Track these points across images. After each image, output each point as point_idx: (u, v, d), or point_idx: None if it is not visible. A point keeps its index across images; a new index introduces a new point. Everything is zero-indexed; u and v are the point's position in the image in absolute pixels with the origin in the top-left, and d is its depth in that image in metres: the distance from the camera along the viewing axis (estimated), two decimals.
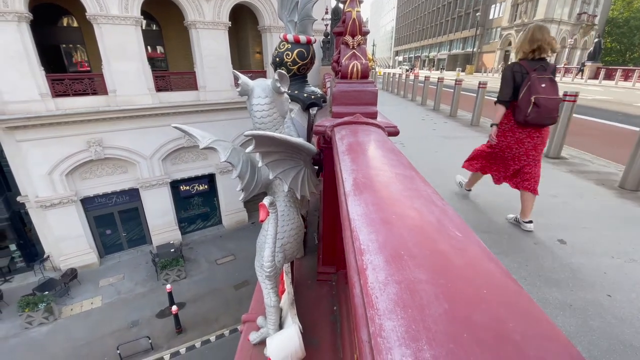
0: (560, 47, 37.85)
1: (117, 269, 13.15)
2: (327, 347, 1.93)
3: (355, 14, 2.24)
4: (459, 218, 0.75)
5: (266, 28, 14.48)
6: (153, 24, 15.73)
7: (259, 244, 1.83)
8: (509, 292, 0.51)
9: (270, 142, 1.51)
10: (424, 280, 0.51)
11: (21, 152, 10.84)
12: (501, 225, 3.63)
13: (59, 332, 10.16)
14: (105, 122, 11.81)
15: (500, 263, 0.58)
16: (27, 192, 11.41)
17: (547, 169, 5.44)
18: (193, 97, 13.38)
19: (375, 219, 0.72)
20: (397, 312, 0.45)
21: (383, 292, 0.50)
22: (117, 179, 13.13)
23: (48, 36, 13.51)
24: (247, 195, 1.81)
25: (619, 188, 4.59)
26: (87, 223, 12.94)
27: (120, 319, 10.65)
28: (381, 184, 0.95)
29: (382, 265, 0.56)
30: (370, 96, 2.00)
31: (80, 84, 11.45)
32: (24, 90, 10.25)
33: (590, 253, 3.10)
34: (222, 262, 13.56)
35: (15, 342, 9.83)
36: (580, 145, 6.77)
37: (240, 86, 1.63)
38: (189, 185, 15.09)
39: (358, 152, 1.30)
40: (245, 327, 2.27)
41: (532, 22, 36.88)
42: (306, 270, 2.69)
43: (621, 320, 2.32)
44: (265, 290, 1.80)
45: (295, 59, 2.45)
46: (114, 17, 10.99)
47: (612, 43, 39.86)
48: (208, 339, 10.15)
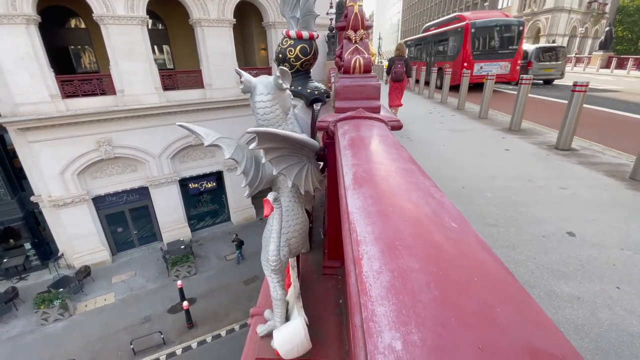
0: (569, 36, 37.03)
1: (129, 266, 13.40)
2: (333, 339, 1.96)
3: (357, 8, 2.24)
4: (456, 210, 0.76)
5: (271, 24, 14.46)
6: (159, 23, 15.84)
7: (264, 239, 1.86)
8: (499, 280, 0.52)
9: (273, 139, 1.53)
10: (417, 268, 0.53)
11: (33, 152, 11.07)
12: (509, 219, 3.61)
13: (74, 328, 10.43)
14: (114, 121, 11.98)
15: (493, 252, 0.60)
16: (41, 192, 11.67)
17: (557, 160, 5.37)
18: (199, 95, 13.48)
19: (373, 212, 0.74)
20: (389, 299, 0.47)
21: (377, 280, 0.52)
22: (127, 178, 13.34)
23: (56, 38, 13.72)
24: (252, 191, 1.84)
25: (630, 179, 4.51)
26: (99, 221, 13.20)
27: (133, 315, 10.87)
28: (380, 177, 0.96)
29: (377, 255, 0.58)
30: (373, 90, 2.00)
31: (89, 85, 11.62)
32: (35, 92, 10.45)
33: (600, 245, 3.07)
34: (231, 258, 13.72)
35: (31, 338, 10.12)
36: (591, 136, 6.65)
37: (243, 84, 1.65)
38: (198, 182, 15.26)
39: (359, 146, 1.31)
40: (253, 320, 2.32)
41: (541, 10, 36.18)
42: (312, 264, 2.72)
43: (630, 312, 2.30)
44: (271, 283, 1.83)
45: (298, 55, 2.46)
46: (120, 17, 11.10)
47: (624, 32, 38.78)
48: (219, 333, 10.31)
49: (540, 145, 6.22)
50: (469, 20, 13.60)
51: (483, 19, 13.69)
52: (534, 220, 3.55)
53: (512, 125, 7.41)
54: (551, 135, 6.79)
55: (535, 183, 4.48)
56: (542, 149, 5.96)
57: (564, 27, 36.13)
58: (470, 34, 13.33)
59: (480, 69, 13.24)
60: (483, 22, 13.47)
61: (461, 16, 14.73)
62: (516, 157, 5.66)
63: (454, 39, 14.52)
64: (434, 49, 16.98)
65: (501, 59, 13.53)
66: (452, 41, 14.70)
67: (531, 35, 39.03)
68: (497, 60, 13.52)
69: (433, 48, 17.12)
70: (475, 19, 13.75)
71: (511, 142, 6.48)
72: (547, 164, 5.26)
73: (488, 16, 14.14)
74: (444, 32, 15.74)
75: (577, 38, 37.58)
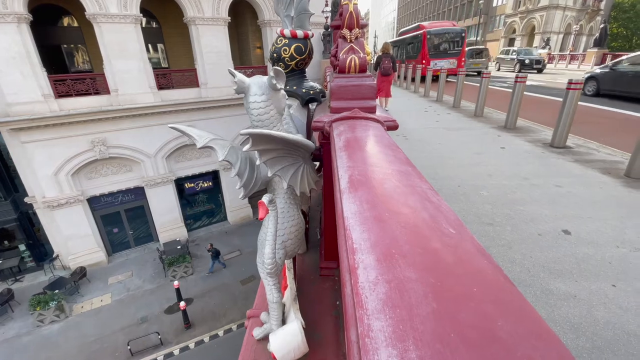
0: (564, 33, 37.21)
1: (125, 266, 13.32)
2: (330, 341, 1.95)
3: (352, 6, 2.21)
4: (453, 214, 0.75)
5: (266, 22, 14.38)
6: (153, 21, 15.70)
7: (260, 241, 1.83)
8: (499, 289, 0.51)
9: (268, 140, 1.50)
10: (414, 279, 0.51)
11: (27, 153, 10.95)
12: (505, 217, 3.61)
13: (71, 329, 10.36)
14: (109, 121, 11.87)
15: (492, 259, 0.58)
16: (35, 193, 11.55)
17: (552, 158, 5.39)
18: (195, 94, 13.39)
19: (369, 217, 0.72)
20: (385, 312, 0.45)
21: (373, 291, 0.50)
22: (122, 178, 13.24)
23: (49, 37, 13.56)
24: (247, 193, 1.81)
25: (624, 177, 4.53)
26: (94, 222, 13.10)
27: (129, 316, 10.82)
28: (376, 180, 0.95)
29: (373, 264, 0.56)
30: (369, 90, 1.98)
31: (82, 84, 11.49)
32: (27, 91, 10.32)
33: (595, 243, 3.08)
34: (228, 257, 13.68)
35: (28, 339, 10.04)
36: (585, 133, 6.68)
37: (236, 84, 1.62)
38: (194, 182, 15.18)
39: (355, 148, 1.29)
40: (250, 323, 2.30)
41: (536, 8, 36.31)
42: (309, 265, 2.70)
43: (626, 310, 2.31)
44: (267, 286, 1.81)
45: (293, 54, 2.43)
46: (113, 15, 10.98)
47: (619, 28, 38.95)
48: (216, 333, 10.29)
49: (536, 143, 6.24)
50: (426, 29, 18.58)
51: (436, 28, 18.68)
52: (529, 218, 3.56)
53: (508, 123, 7.44)
54: (546, 133, 6.82)
55: (531, 181, 4.49)
56: (538, 147, 5.98)
57: (558, 25, 36.30)
58: (426, 39, 18.16)
59: (435, 65, 16.88)
60: (436, 30, 18.44)
61: (421, 25, 19.97)
62: (512, 155, 5.67)
63: (416, 42, 19.44)
64: (405, 50, 21.48)
65: (450, 57, 18.10)
66: (416, 44, 19.60)
67: (526, 33, 39.18)
68: (447, 58, 18.03)
69: (405, 49, 21.55)
70: (431, 27, 18.81)
71: (507, 140, 6.50)
72: (542, 161, 5.28)
73: (440, 26, 19.19)
74: (410, 37, 20.66)
75: (572, 35, 37.75)
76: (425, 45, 18.22)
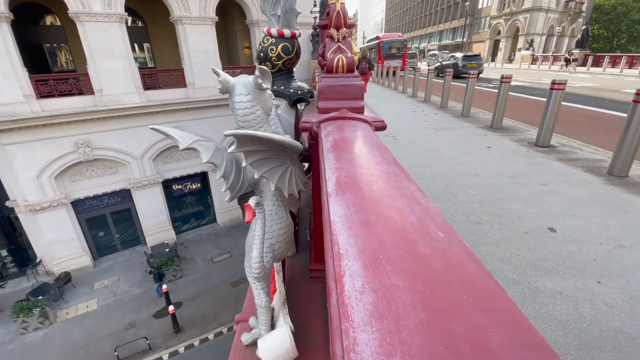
0: (547, 34, 38.03)
1: (111, 270, 13.03)
2: (320, 344, 1.92)
3: (339, 6, 2.20)
4: (442, 217, 0.73)
5: (254, 22, 14.28)
6: (138, 20, 15.41)
7: (247, 245, 1.80)
8: (489, 296, 0.49)
9: (254, 141, 1.47)
10: (402, 287, 0.49)
11: (7, 155, 10.60)
12: (492, 216, 3.65)
13: (56, 336, 10.07)
14: (93, 122, 11.59)
15: (482, 264, 0.56)
16: (16, 197, 11.20)
17: (537, 157, 5.48)
18: (182, 94, 13.19)
19: (356, 221, 0.70)
20: (372, 324, 0.43)
21: (359, 301, 0.47)
22: (107, 180, 12.95)
23: (30, 36, 13.18)
24: (234, 196, 1.77)
25: (607, 175, 4.64)
26: (79, 226, 12.76)
27: (117, 321, 10.58)
28: (364, 182, 0.93)
29: (359, 272, 0.54)
30: (357, 90, 1.97)
31: (65, 84, 11.19)
32: (7, 92, 10.00)
33: (580, 240, 3.13)
34: (218, 260, 13.51)
35: (11, 347, 9.72)
36: (569, 133, 6.82)
37: (220, 84, 1.58)
38: (182, 184, 14.95)
39: (343, 149, 1.27)
40: (238, 327, 2.26)
41: (520, 10, 37.04)
42: (298, 267, 2.67)
43: (611, 306, 2.34)
44: (255, 291, 1.77)
45: (280, 54, 2.40)
46: (97, 14, 10.73)
47: (600, 30, 40.04)
48: (206, 337, 10.14)
49: (521, 142, 6.34)
50: (381, 39, 27.77)
51: (387, 38, 28.16)
52: (516, 216, 3.60)
53: (494, 123, 7.54)
54: (531, 132, 6.94)
55: (517, 180, 4.56)
56: (523, 146, 6.08)
57: (541, 27, 37.07)
58: (380, 46, 26.84)
59: (388, 64, 21.82)
60: (387, 40, 27.61)
61: (378, 37, 29.48)
62: (498, 154, 5.75)
63: (376, 48, 27.57)
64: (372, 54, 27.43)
65: (396, 59, 25.94)
66: (375, 49, 27.59)
67: (510, 35, 39.91)
68: (395, 59, 25.49)
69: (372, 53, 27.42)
70: (384, 38, 28.53)
71: (493, 140, 6.59)
72: (528, 160, 5.36)
73: (390, 37, 29.01)
74: (373, 44, 28.86)
75: (555, 37, 38.61)
76: (380, 50, 26.79)
